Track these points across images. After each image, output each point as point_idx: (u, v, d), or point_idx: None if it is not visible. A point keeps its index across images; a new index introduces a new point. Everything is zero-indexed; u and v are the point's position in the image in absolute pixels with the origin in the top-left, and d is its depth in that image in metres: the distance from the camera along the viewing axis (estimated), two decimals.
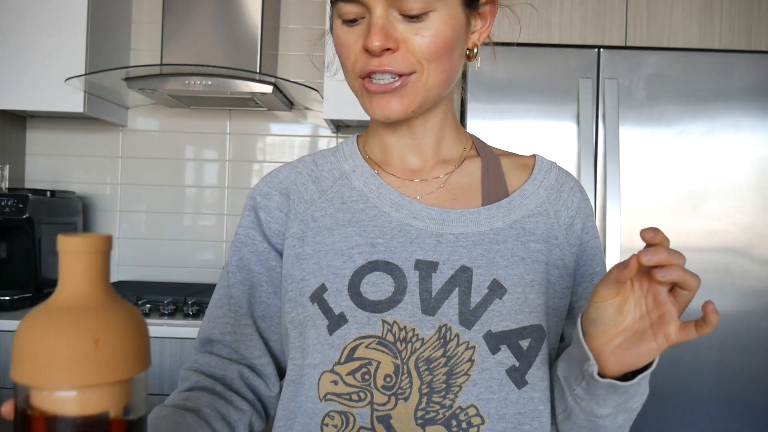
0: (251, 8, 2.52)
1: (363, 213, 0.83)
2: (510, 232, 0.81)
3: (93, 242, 0.39)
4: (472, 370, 0.75)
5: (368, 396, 0.75)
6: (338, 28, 0.79)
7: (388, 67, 0.75)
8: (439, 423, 0.74)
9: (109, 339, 0.38)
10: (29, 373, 0.38)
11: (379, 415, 0.75)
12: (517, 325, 0.77)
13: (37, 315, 0.39)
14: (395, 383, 0.75)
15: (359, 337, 0.76)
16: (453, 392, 0.75)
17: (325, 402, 0.77)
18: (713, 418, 2.13)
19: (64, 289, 0.40)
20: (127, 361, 0.39)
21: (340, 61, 0.82)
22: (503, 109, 2.17)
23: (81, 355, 0.37)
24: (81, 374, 0.37)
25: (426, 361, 0.75)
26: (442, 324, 0.76)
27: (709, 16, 2.23)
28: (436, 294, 0.77)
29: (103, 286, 0.40)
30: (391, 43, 0.75)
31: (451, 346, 0.75)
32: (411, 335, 0.76)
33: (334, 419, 0.76)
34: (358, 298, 0.78)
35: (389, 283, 0.78)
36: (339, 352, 0.77)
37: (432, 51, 0.76)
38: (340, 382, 0.76)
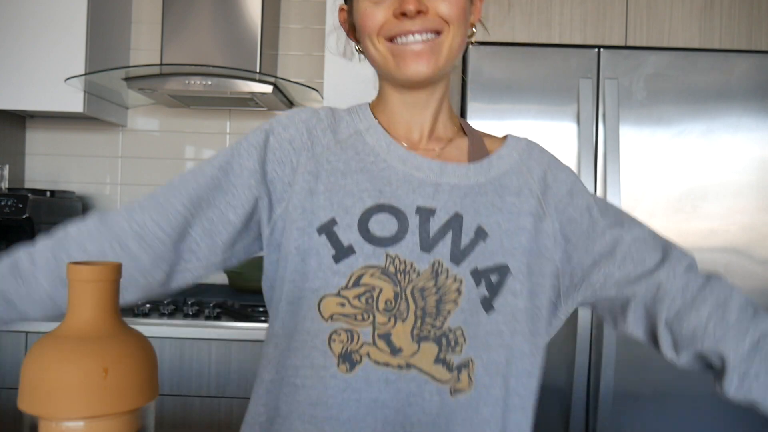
0: (251, 8, 2.52)
1: (373, 165, 0.94)
2: (489, 186, 0.95)
3: (102, 271, 0.39)
4: (459, 299, 0.89)
5: (371, 317, 0.88)
6: (365, 3, 0.92)
7: (422, 26, 0.90)
8: (431, 340, 0.88)
9: (118, 368, 0.38)
10: (37, 402, 0.38)
11: (381, 332, 0.88)
12: (492, 264, 0.91)
13: (45, 343, 0.39)
14: (395, 307, 0.88)
15: (365, 266, 0.88)
16: (443, 316, 0.88)
17: (332, 321, 0.88)
18: (713, 418, 2.14)
19: (73, 318, 0.40)
20: (137, 391, 0.39)
21: (362, 29, 0.94)
22: (503, 109, 2.17)
23: (90, 385, 0.37)
24: (89, 404, 0.37)
25: (420, 290, 0.89)
26: (435, 260, 0.89)
27: (709, 16, 2.23)
28: (433, 235, 0.91)
29: (113, 314, 0.40)
30: (423, 6, 0.89)
31: (442, 279, 0.89)
32: (409, 268, 0.89)
33: (341, 335, 0.88)
34: (366, 233, 0.90)
35: (393, 224, 0.90)
36: (346, 279, 0.88)
37: (455, 14, 0.91)
38: (347, 304, 0.88)
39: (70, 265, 0.40)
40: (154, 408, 0.43)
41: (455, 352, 0.88)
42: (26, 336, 2.13)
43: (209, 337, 2.13)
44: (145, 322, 2.15)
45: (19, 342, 2.13)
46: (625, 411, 2.14)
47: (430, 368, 0.88)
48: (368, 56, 0.97)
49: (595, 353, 2.11)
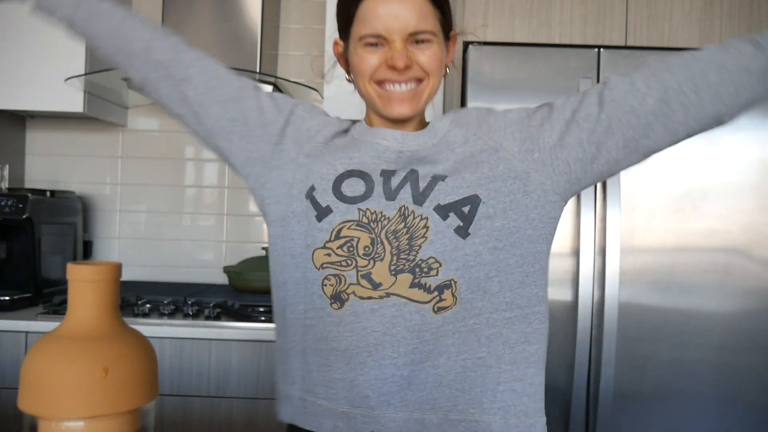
0: (251, 8, 2.52)
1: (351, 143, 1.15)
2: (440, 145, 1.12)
3: (102, 271, 0.39)
4: (428, 234, 1.05)
5: (353, 262, 1.05)
6: (361, 49, 1.11)
7: (407, 78, 1.10)
8: (406, 271, 1.04)
9: (118, 368, 0.38)
10: (37, 403, 0.38)
11: (362, 273, 1.05)
12: (459, 197, 1.06)
13: (45, 343, 0.39)
14: (372, 251, 1.05)
15: (342, 221, 1.07)
16: (414, 250, 1.05)
17: (322, 270, 1.07)
18: (713, 418, 2.14)
19: (73, 318, 0.40)
20: (137, 391, 0.39)
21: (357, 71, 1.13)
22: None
23: (90, 385, 0.37)
24: (90, 404, 0.37)
25: (393, 232, 1.06)
26: (401, 205, 1.06)
27: (709, 16, 2.23)
28: (394, 188, 1.08)
29: (113, 314, 0.40)
30: (410, 62, 1.09)
31: (409, 219, 1.06)
32: (380, 216, 1.06)
33: (331, 280, 1.06)
34: (339, 194, 1.08)
35: (362, 185, 1.09)
36: (328, 234, 1.07)
37: (434, 66, 1.11)
38: (332, 254, 1.06)
39: (70, 265, 0.40)
40: (154, 408, 0.43)
41: (430, 275, 1.05)
42: (26, 336, 2.13)
43: (209, 337, 2.13)
44: (145, 322, 2.15)
45: (19, 342, 2.13)
46: (625, 411, 2.14)
47: (407, 292, 1.05)
48: (358, 90, 1.16)
49: (595, 353, 2.11)
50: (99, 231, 2.89)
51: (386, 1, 1.08)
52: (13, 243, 2.48)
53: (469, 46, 2.18)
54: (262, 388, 2.14)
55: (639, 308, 2.14)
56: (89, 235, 2.87)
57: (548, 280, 1.14)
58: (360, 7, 1.10)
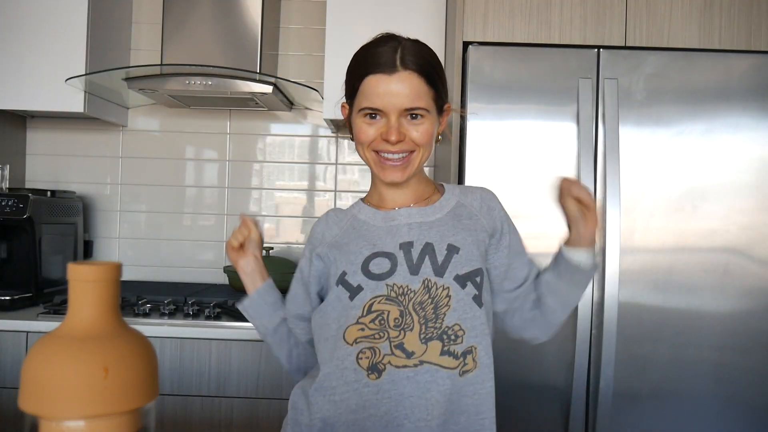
0: (251, 8, 2.52)
1: (366, 231, 1.29)
2: (446, 218, 1.29)
3: (102, 271, 0.39)
4: (450, 302, 1.19)
5: (386, 334, 1.17)
6: (361, 119, 1.25)
7: (399, 150, 1.24)
8: (435, 339, 1.17)
9: (119, 368, 0.38)
10: (37, 402, 0.38)
11: (395, 344, 1.17)
12: (471, 268, 1.22)
13: (45, 343, 0.39)
14: (402, 322, 1.17)
15: (373, 297, 1.19)
16: (440, 318, 1.18)
17: (356, 344, 1.18)
18: (713, 418, 2.14)
19: (74, 317, 0.40)
20: (137, 391, 0.39)
21: (357, 139, 1.27)
22: (503, 110, 2.17)
23: (90, 385, 0.37)
24: (90, 404, 0.37)
25: (419, 303, 1.18)
26: (425, 278, 1.20)
27: (709, 16, 2.23)
28: (416, 261, 1.22)
29: (113, 314, 0.40)
30: (401, 136, 1.22)
31: (433, 290, 1.19)
32: (406, 290, 1.19)
33: (366, 353, 1.18)
34: (368, 273, 1.21)
35: (386, 263, 1.22)
36: (360, 310, 1.19)
37: (425, 140, 1.25)
38: (366, 328, 1.18)
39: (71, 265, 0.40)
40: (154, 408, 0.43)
41: (456, 343, 1.18)
42: (26, 336, 2.13)
43: (209, 337, 2.13)
44: (145, 322, 2.15)
45: (20, 342, 2.13)
46: (625, 411, 2.14)
47: (438, 359, 1.17)
48: (358, 153, 1.30)
49: (595, 353, 2.11)
50: (99, 231, 2.90)
51: (386, 81, 1.21)
52: (14, 243, 2.48)
53: (469, 46, 2.18)
54: (262, 388, 2.14)
55: (639, 308, 2.14)
56: (89, 235, 2.88)
57: None
58: (363, 83, 1.23)
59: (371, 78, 1.22)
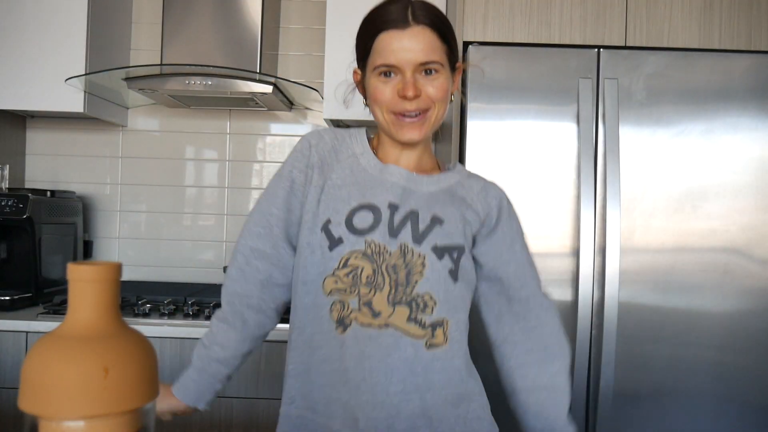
0: (251, 8, 2.52)
1: (363, 179, 1.26)
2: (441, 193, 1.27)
3: (102, 271, 0.39)
4: (425, 271, 1.18)
5: (356, 290, 1.17)
6: (375, 78, 1.24)
7: (416, 108, 1.22)
8: (403, 304, 1.17)
9: (118, 368, 0.38)
10: (37, 402, 0.38)
11: (364, 301, 1.16)
12: (452, 242, 1.21)
13: (45, 343, 0.39)
14: (374, 280, 1.17)
15: (350, 251, 1.18)
16: (411, 285, 1.17)
17: (329, 296, 1.18)
18: (712, 418, 2.14)
19: (74, 318, 0.40)
20: (137, 391, 0.39)
21: (374, 99, 1.25)
22: (503, 110, 2.17)
23: (90, 385, 0.37)
24: (90, 404, 0.37)
25: (392, 266, 1.17)
26: (402, 243, 1.19)
27: (709, 16, 2.23)
28: (396, 225, 1.20)
29: (113, 314, 0.40)
30: (418, 91, 1.21)
31: (408, 256, 1.18)
32: (383, 249, 1.18)
33: (336, 306, 1.18)
34: (351, 226, 1.19)
35: (370, 217, 1.20)
36: (338, 262, 1.18)
37: (440, 96, 1.24)
38: (339, 281, 1.18)
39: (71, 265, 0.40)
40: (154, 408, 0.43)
41: (425, 312, 1.18)
42: (26, 336, 2.13)
43: None
44: (145, 322, 2.15)
45: (20, 342, 2.13)
46: (625, 410, 2.14)
47: (404, 326, 1.17)
48: (374, 115, 1.28)
49: (595, 353, 2.11)
50: (99, 231, 2.90)
51: (399, 36, 1.20)
52: (14, 243, 2.48)
53: (469, 46, 2.18)
54: (262, 388, 2.14)
55: (639, 308, 2.14)
56: (89, 235, 2.88)
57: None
58: (376, 41, 1.22)
59: (384, 35, 1.21)
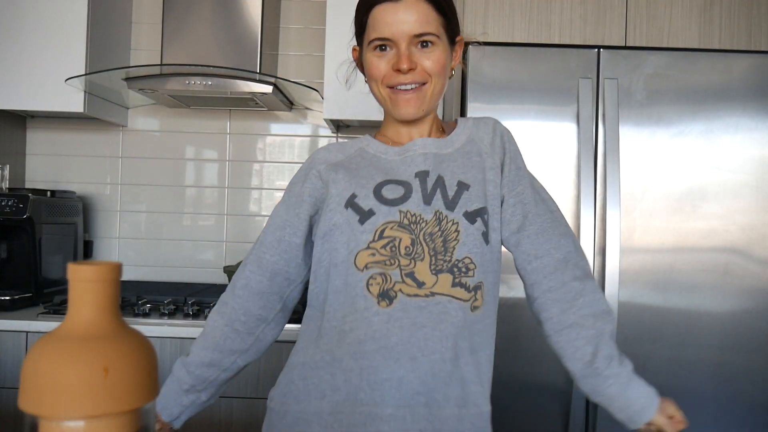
0: (251, 8, 2.52)
1: (377, 161, 1.25)
2: (456, 154, 1.25)
3: (102, 271, 0.39)
4: (460, 237, 1.16)
5: (397, 261, 1.13)
6: (370, 53, 1.23)
7: (412, 80, 1.20)
8: (446, 271, 1.14)
9: (118, 368, 0.38)
10: (37, 402, 0.38)
11: (406, 272, 1.13)
12: (480, 206, 1.19)
13: (45, 343, 0.39)
14: (413, 251, 1.14)
15: (385, 222, 1.15)
16: (450, 252, 1.15)
17: (366, 270, 1.14)
18: (713, 418, 2.14)
19: (74, 318, 0.40)
20: (137, 391, 0.39)
21: (370, 75, 1.24)
22: (503, 109, 2.17)
23: (90, 385, 0.37)
24: (90, 404, 0.37)
25: (429, 234, 1.15)
26: (436, 210, 1.17)
27: (709, 16, 2.23)
28: (429, 192, 1.19)
29: (113, 314, 0.40)
30: (413, 64, 1.19)
31: (443, 223, 1.16)
32: (419, 218, 1.16)
33: (377, 279, 1.13)
34: (381, 198, 1.17)
35: (400, 189, 1.19)
36: (372, 235, 1.15)
37: (437, 69, 1.21)
38: (377, 253, 1.14)
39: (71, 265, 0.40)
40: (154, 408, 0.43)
41: (468, 275, 1.15)
42: (26, 336, 2.13)
43: None
44: (145, 322, 2.15)
45: (20, 342, 2.13)
46: None
47: (451, 291, 1.14)
48: (372, 92, 1.27)
49: None
50: (99, 231, 2.90)
51: (392, 9, 1.18)
52: (14, 243, 2.48)
53: (469, 46, 2.18)
54: (262, 388, 2.14)
55: (639, 308, 2.14)
56: (89, 235, 2.88)
57: None
58: (370, 16, 1.21)
59: (378, 8, 1.20)
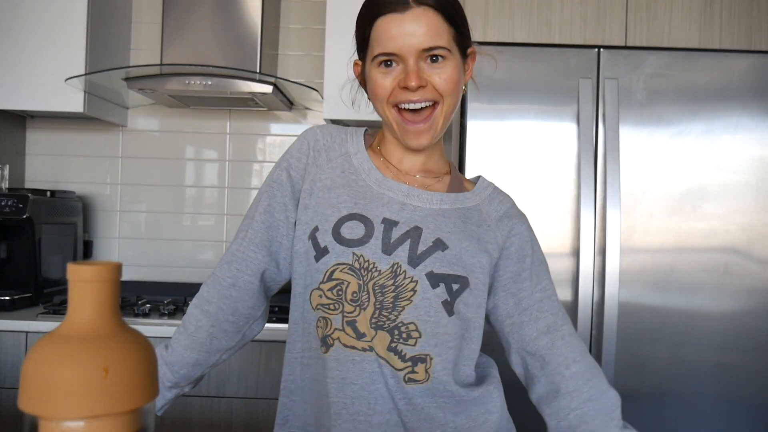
0: (251, 8, 2.52)
1: (354, 182, 1.13)
2: (453, 213, 1.13)
3: (102, 271, 0.39)
4: (414, 298, 1.04)
5: (341, 306, 1.05)
6: (374, 69, 1.09)
7: (421, 97, 1.07)
8: (385, 329, 1.04)
9: (118, 368, 0.38)
10: (37, 402, 0.38)
11: (348, 320, 1.05)
12: (453, 272, 1.06)
13: (45, 343, 0.39)
14: (359, 297, 1.04)
15: (336, 263, 1.06)
16: (397, 311, 1.04)
17: (316, 311, 1.08)
18: (713, 418, 2.14)
19: (73, 318, 0.40)
20: (137, 391, 0.39)
21: (373, 95, 1.12)
22: (503, 110, 2.17)
23: (90, 385, 0.37)
24: (90, 404, 0.37)
25: (381, 286, 1.04)
26: (395, 262, 1.06)
27: (709, 16, 2.23)
28: (393, 241, 1.07)
29: (113, 314, 0.40)
30: (422, 81, 1.06)
31: (400, 278, 1.05)
32: (372, 266, 1.05)
33: (320, 323, 1.07)
34: (338, 236, 1.07)
35: (361, 229, 1.08)
36: (323, 275, 1.06)
37: (449, 88, 1.08)
38: (323, 295, 1.06)
39: (71, 265, 0.40)
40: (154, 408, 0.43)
41: (408, 344, 1.05)
42: (26, 336, 2.13)
43: None
44: (145, 322, 2.15)
45: (19, 342, 2.13)
46: (625, 410, 2.14)
47: (385, 354, 1.04)
48: (377, 112, 1.14)
49: (595, 353, 2.11)
50: (99, 231, 2.90)
51: (399, 21, 1.05)
52: (14, 243, 2.48)
53: None
54: (262, 388, 2.14)
55: (639, 308, 2.14)
56: (89, 235, 2.88)
57: None
58: (374, 28, 1.08)
59: (382, 20, 1.07)
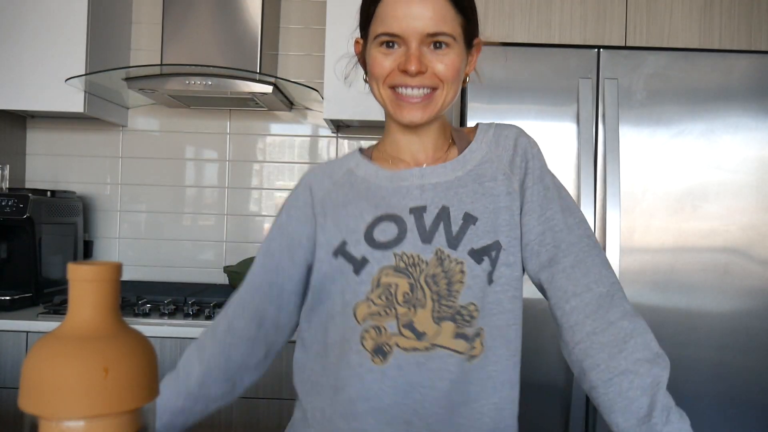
0: (251, 8, 2.52)
1: (367, 189, 1.10)
2: (467, 178, 1.09)
3: (102, 271, 0.39)
4: (464, 278, 1.03)
5: (393, 311, 1.02)
6: (375, 49, 1.06)
7: (420, 84, 1.04)
8: (448, 319, 1.02)
9: (118, 368, 0.38)
10: (37, 402, 0.38)
11: (404, 322, 1.01)
12: (489, 241, 1.04)
13: (45, 343, 0.39)
14: (412, 297, 1.02)
15: (380, 269, 1.03)
16: (454, 296, 1.02)
17: (362, 323, 1.02)
18: (713, 418, 2.14)
19: (74, 318, 0.40)
20: (137, 391, 0.39)
21: (371, 73, 1.08)
22: (503, 110, 2.17)
23: (90, 385, 0.37)
24: (90, 404, 0.37)
25: (432, 276, 1.02)
26: (437, 248, 1.03)
27: (709, 16, 2.23)
28: (429, 228, 1.05)
29: (113, 314, 0.40)
30: (423, 67, 1.03)
31: (446, 263, 1.03)
32: (417, 260, 1.03)
33: (370, 332, 1.02)
34: (372, 242, 1.04)
35: (393, 228, 1.05)
36: (370, 285, 1.03)
37: (450, 75, 1.05)
38: (373, 304, 1.02)
39: (71, 265, 0.40)
40: (154, 408, 0.43)
41: (470, 324, 1.03)
42: (26, 336, 2.13)
43: None
44: (145, 322, 2.15)
45: (20, 342, 2.13)
46: None
47: (452, 343, 1.02)
48: (372, 91, 1.11)
49: None
50: (99, 231, 2.90)
51: (406, 2, 1.02)
52: (14, 243, 2.48)
53: None
54: (262, 388, 2.14)
55: (639, 308, 2.13)
56: (89, 235, 2.88)
57: None
58: (379, 6, 1.05)
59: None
